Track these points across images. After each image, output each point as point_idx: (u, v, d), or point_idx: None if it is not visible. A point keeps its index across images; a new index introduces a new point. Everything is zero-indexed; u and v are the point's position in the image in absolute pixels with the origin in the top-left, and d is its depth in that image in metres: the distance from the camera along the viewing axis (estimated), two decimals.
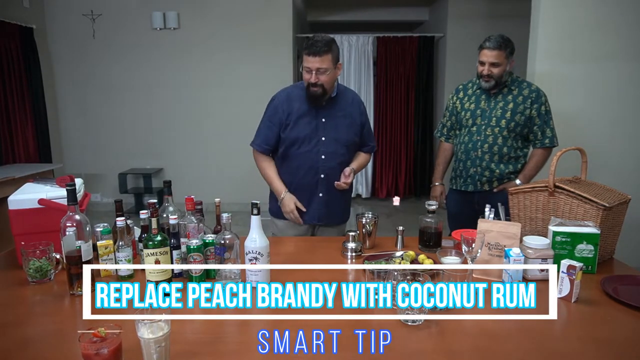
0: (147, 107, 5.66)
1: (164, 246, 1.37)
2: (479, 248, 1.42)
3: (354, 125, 2.16)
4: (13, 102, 4.79)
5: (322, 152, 2.10)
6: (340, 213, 2.26)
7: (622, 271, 1.60)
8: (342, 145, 2.13)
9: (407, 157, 6.46)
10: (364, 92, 6.34)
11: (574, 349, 1.13)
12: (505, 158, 2.39)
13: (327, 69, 1.97)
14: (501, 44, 2.26)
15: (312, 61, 1.95)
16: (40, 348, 1.13)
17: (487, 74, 2.30)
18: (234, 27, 5.48)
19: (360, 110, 2.21)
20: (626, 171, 3.11)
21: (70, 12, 5.45)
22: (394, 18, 7.18)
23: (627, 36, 3.04)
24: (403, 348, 1.13)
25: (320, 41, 1.95)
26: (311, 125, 2.09)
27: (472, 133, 2.43)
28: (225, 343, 1.16)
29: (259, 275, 1.45)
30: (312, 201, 2.15)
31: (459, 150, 2.50)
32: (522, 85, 2.38)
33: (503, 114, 2.35)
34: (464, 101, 2.48)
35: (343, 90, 2.19)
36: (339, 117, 2.12)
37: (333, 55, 1.98)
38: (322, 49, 1.94)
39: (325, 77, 1.98)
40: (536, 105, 2.34)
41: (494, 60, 2.27)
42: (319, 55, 1.94)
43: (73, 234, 1.39)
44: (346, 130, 2.13)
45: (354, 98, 2.22)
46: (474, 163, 2.42)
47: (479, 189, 2.45)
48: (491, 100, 2.39)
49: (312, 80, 1.98)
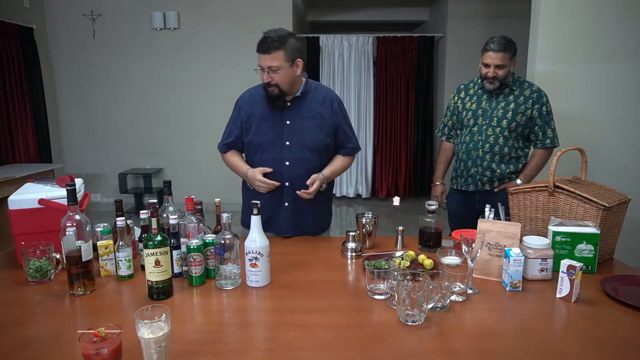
0: (147, 107, 5.66)
1: (164, 246, 1.37)
2: (479, 248, 1.42)
3: (324, 126, 1.97)
4: (13, 102, 4.79)
5: (286, 158, 1.93)
6: (312, 223, 2.06)
7: (622, 271, 1.60)
8: (310, 150, 1.95)
9: (407, 157, 6.46)
10: (364, 92, 6.35)
11: (574, 349, 1.13)
12: (506, 158, 2.39)
13: (279, 67, 1.80)
14: (505, 45, 2.25)
15: (263, 59, 1.81)
16: (40, 348, 1.13)
17: (493, 76, 2.29)
18: (234, 27, 5.48)
19: (334, 109, 2.00)
20: (626, 171, 3.11)
21: (70, 12, 5.45)
22: (394, 18, 7.18)
23: (627, 36, 3.04)
24: (403, 348, 1.13)
25: (271, 37, 1.77)
26: (275, 129, 1.94)
27: (474, 133, 2.42)
28: (225, 343, 1.16)
29: (258, 275, 1.45)
30: (278, 212, 1.98)
31: (460, 150, 2.50)
32: (523, 86, 2.38)
33: (504, 114, 2.35)
34: (465, 101, 2.48)
35: (313, 89, 2.00)
36: (306, 119, 1.95)
37: (287, 51, 1.80)
38: (272, 45, 1.77)
39: (279, 76, 1.82)
40: (537, 106, 2.34)
41: (499, 63, 2.26)
42: (269, 52, 1.78)
43: (73, 234, 1.39)
44: (314, 133, 1.95)
45: (327, 96, 2.01)
46: (475, 163, 2.42)
47: (480, 189, 2.45)
48: (492, 100, 2.39)
49: (264, 80, 1.85)
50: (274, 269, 1.53)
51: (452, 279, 1.35)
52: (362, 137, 6.47)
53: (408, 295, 1.21)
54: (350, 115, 6.49)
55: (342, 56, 6.29)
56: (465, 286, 1.37)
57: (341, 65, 6.31)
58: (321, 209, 2.10)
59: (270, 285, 1.49)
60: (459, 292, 1.37)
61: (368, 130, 6.44)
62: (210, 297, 1.42)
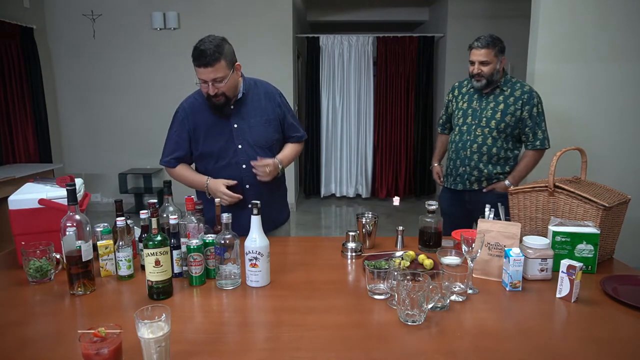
0: (147, 107, 5.66)
1: (164, 246, 1.37)
2: (479, 248, 1.42)
3: (271, 122, 1.96)
4: (13, 102, 4.79)
5: (241, 161, 1.92)
6: (276, 215, 2.09)
7: (622, 271, 1.60)
8: (262, 148, 1.94)
9: (407, 157, 6.47)
10: (364, 92, 6.35)
11: (574, 349, 1.13)
12: (495, 159, 2.40)
13: (223, 77, 1.76)
14: (489, 42, 2.29)
15: (204, 72, 1.74)
16: (40, 348, 1.13)
17: (477, 73, 2.33)
18: (234, 27, 5.47)
19: (276, 102, 1.98)
20: (626, 171, 3.11)
21: (70, 12, 5.45)
22: (394, 18, 7.18)
23: (627, 36, 3.04)
24: (403, 348, 1.13)
25: (207, 49, 1.71)
26: (224, 136, 1.91)
27: (462, 132, 2.45)
28: (225, 343, 1.16)
29: (258, 275, 1.46)
30: (242, 214, 1.85)
31: (450, 148, 2.53)
32: (515, 86, 2.38)
33: (493, 115, 2.36)
34: (458, 99, 2.52)
35: (252, 86, 1.97)
36: (252, 119, 1.93)
37: (227, 59, 1.76)
38: (213, 57, 1.71)
39: (225, 85, 1.79)
40: (527, 107, 2.34)
41: (482, 59, 2.29)
42: (211, 65, 1.72)
43: (73, 234, 1.39)
44: (263, 131, 1.94)
45: (267, 90, 1.99)
46: (463, 162, 2.45)
47: (469, 188, 2.47)
48: (482, 100, 2.41)
49: (210, 92, 1.79)
50: (274, 269, 1.53)
51: (452, 279, 1.35)
52: (362, 137, 6.47)
53: (408, 295, 1.21)
54: (350, 115, 6.58)
55: (342, 56, 6.29)
56: (465, 286, 1.37)
57: (341, 65, 6.31)
58: (280, 201, 2.15)
59: (270, 285, 1.49)
60: (459, 292, 1.37)
61: (368, 130, 6.44)
62: (210, 297, 1.42)
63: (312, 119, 6.44)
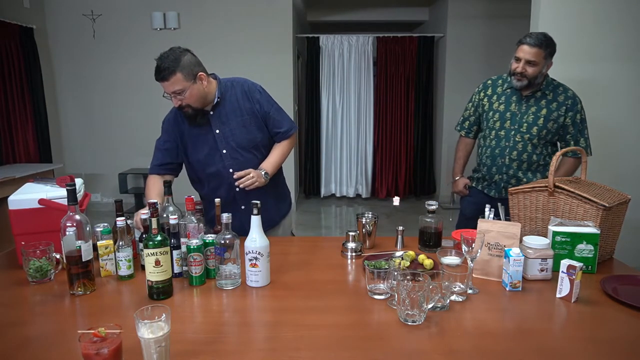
0: (147, 107, 5.65)
1: (164, 246, 1.37)
2: (479, 248, 1.42)
3: (251, 121, 1.94)
4: (13, 102, 4.79)
5: (228, 165, 1.93)
6: (271, 214, 2.06)
7: (622, 271, 1.60)
8: (246, 149, 1.94)
9: (407, 157, 6.47)
10: (364, 92, 6.35)
11: (574, 349, 1.13)
12: (534, 166, 2.25)
13: (182, 89, 1.77)
14: (542, 42, 2.10)
15: (164, 86, 1.78)
16: (40, 348, 1.13)
17: (520, 72, 2.13)
18: (234, 27, 5.48)
19: (255, 99, 1.95)
20: (626, 171, 3.11)
21: (70, 12, 5.45)
22: (394, 18, 7.18)
23: (627, 36, 3.04)
24: (403, 348, 1.13)
25: (162, 64, 1.74)
26: (208, 143, 1.93)
27: (500, 138, 2.27)
28: (225, 343, 1.16)
29: (258, 275, 1.46)
30: (235, 216, 1.79)
31: (484, 153, 2.35)
32: (557, 90, 2.21)
33: (535, 121, 2.19)
34: (493, 100, 2.31)
35: (229, 88, 1.96)
36: (232, 121, 1.92)
37: (184, 71, 1.76)
38: (167, 72, 1.73)
39: (187, 97, 1.79)
40: (571, 113, 2.19)
41: (531, 58, 2.10)
42: (166, 79, 1.75)
43: (73, 234, 1.39)
44: (245, 132, 1.93)
45: (243, 89, 1.97)
46: (500, 170, 2.29)
47: (504, 196, 2.21)
48: (522, 103, 2.22)
49: (176, 105, 1.82)
50: (274, 269, 1.53)
51: (452, 279, 1.35)
52: (362, 137, 6.47)
53: (408, 295, 1.21)
54: (350, 115, 6.59)
55: (342, 56, 6.29)
56: (465, 286, 1.37)
57: (341, 65, 6.31)
58: (275, 200, 2.09)
59: (270, 285, 1.49)
60: (459, 292, 1.37)
61: (368, 130, 6.44)
62: (210, 297, 1.42)
63: (312, 119, 6.44)
